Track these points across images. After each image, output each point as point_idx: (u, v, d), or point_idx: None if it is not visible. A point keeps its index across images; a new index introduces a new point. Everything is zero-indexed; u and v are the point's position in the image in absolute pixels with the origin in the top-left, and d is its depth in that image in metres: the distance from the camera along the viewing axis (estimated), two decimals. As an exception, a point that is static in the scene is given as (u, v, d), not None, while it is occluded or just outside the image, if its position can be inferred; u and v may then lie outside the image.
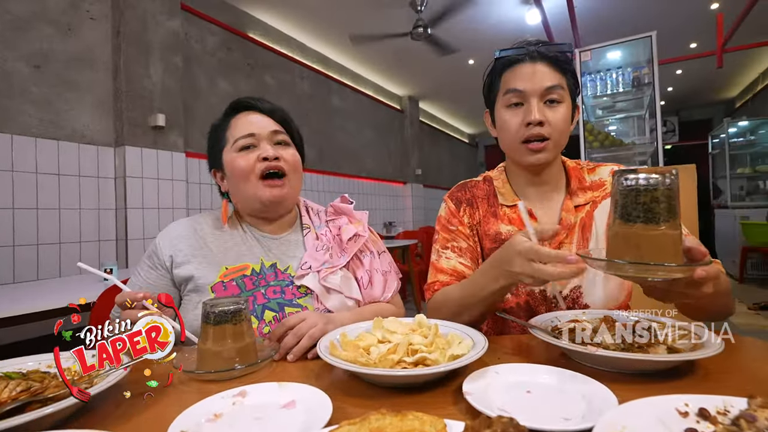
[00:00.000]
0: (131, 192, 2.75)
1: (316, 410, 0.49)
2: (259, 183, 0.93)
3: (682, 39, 5.26)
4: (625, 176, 0.60)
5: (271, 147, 0.95)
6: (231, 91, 3.80)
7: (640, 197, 0.59)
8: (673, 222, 0.58)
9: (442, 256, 0.99)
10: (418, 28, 4.11)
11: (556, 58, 0.89)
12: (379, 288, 1.01)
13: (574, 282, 0.91)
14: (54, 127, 2.50)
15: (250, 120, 0.96)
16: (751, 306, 3.91)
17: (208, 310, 0.70)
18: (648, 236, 0.58)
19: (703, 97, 8.34)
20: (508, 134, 0.92)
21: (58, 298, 1.64)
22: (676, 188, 0.58)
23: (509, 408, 0.49)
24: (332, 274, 0.95)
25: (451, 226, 1.00)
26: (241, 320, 0.71)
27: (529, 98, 0.88)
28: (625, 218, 0.60)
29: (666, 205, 0.58)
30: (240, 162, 0.92)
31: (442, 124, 8.79)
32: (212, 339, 0.68)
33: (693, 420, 0.44)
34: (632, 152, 3.43)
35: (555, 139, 0.88)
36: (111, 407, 0.56)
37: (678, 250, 0.59)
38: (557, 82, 0.88)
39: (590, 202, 0.96)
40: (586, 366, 0.63)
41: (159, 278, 0.93)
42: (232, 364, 0.67)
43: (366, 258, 1.03)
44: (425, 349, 0.61)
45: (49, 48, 2.49)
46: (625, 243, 0.60)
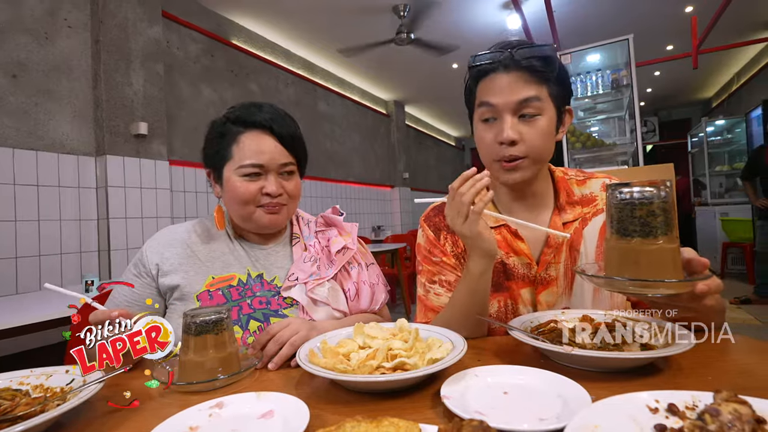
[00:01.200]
0: (114, 202, 2.70)
1: (293, 419, 0.49)
2: (257, 210, 0.93)
3: (659, 41, 5.39)
4: (620, 190, 0.59)
5: (276, 180, 0.92)
6: (215, 99, 3.78)
7: (635, 211, 0.58)
8: (670, 235, 0.57)
9: (430, 291, 0.92)
10: (401, 34, 4.15)
11: (532, 66, 0.79)
12: (366, 300, 1.01)
13: (562, 302, 0.87)
14: (32, 138, 2.45)
15: (261, 147, 0.91)
16: (732, 300, 4.00)
17: (189, 321, 0.69)
18: (646, 251, 0.57)
19: (682, 98, 8.56)
20: (483, 150, 0.86)
21: (38, 312, 1.60)
22: (671, 200, 0.58)
23: (486, 410, 0.49)
24: (320, 286, 0.94)
25: (434, 258, 0.93)
26: (222, 330, 0.70)
27: (502, 114, 0.80)
28: (621, 233, 0.59)
29: (663, 218, 0.57)
30: (241, 189, 0.90)
31: (429, 128, 8.85)
32: (193, 350, 0.68)
33: (663, 416, 0.44)
34: (614, 152, 3.51)
35: (532, 157, 0.81)
36: (84, 423, 0.55)
37: (677, 264, 0.58)
38: (534, 94, 0.79)
39: (579, 218, 0.90)
40: (563, 366, 0.64)
41: (144, 287, 0.93)
42: (215, 375, 0.66)
43: (354, 270, 1.02)
44: (404, 353, 0.61)
45: (27, 57, 2.44)
46: (623, 258, 0.59)
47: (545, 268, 0.87)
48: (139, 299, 0.91)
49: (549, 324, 0.76)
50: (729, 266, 5.42)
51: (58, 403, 0.55)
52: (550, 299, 0.87)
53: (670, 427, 0.42)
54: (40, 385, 0.62)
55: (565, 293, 0.88)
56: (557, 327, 0.74)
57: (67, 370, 0.64)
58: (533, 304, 0.88)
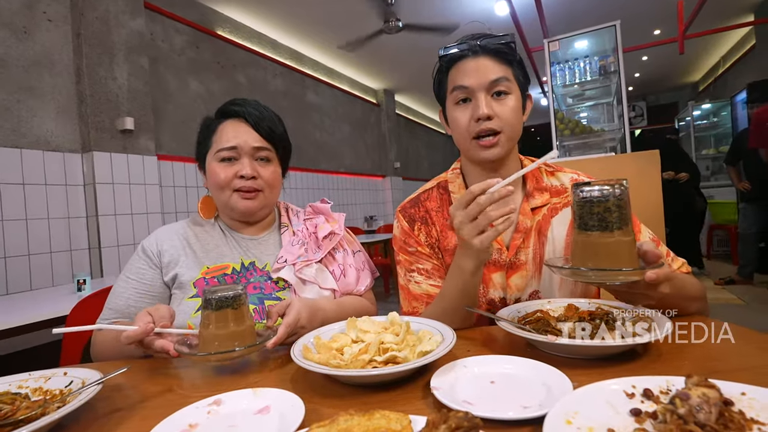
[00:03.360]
0: (102, 199, 2.68)
1: (289, 414, 0.51)
2: (233, 194, 0.97)
3: (646, 26, 5.41)
4: (581, 188, 0.66)
5: (250, 164, 0.96)
6: (202, 92, 3.73)
7: (594, 208, 0.64)
8: (625, 229, 0.64)
9: (411, 280, 0.96)
10: (389, 22, 4.11)
11: (498, 50, 0.88)
12: (352, 279, 1.05)
13: (532, 285, 0.92)
14: (15, 135, 2.41)
15: (235, 132, 0.97)
16: (717, 281, 4.11)
17: (209, 297, 0.71)
18: (604, 243, 0.64)
19: (669, 82, 8.62)
20: (459, 131, 0.91)
21: (29, 312, 1.59)
22: (626, 198, 0.64)
23: (473, 399, 0.51)
24: (307, 267, 0.99)
25: (410, 248, 0.97)
26: (240, 304, 0.73)
27: (476, 93, 0.87)
28: (582, 227, 0.66)
29: (618, 214, 0.64)
30: (219, 173, 0.96)
31: (419, 116, 8.82)
32: (214, 323, 0.70)
33: (638, 400, 0.47)
34: (602, 138, 3.53)
35: (507, 133, 0.87)
36: (83, 426, 0.56)
37: (633, 255, 0.65)
38: (502, 74, 0.87)
39: (547, 204, 0.95)
40: (549, 354, 0.67)
41: (155, 278, 0.96)
42: (233, 347, 0.69)
43: (339, 254, 1.07)
44: (395, 347, 0.63)
45: (5, 53, 2.38)
46: (585, 250, 0.66)
47: (515, 253, 0.92)
48: (151, 289, 0.95)
49: (536, 314, 0.78)
50: (715, 248, 5.54)
51: (58, 405, 0.56)
52: (519, 282, 0.92)
53: (644, 410, 0.45)
54: (39, 388, 0.63)
55: (535, 276, 0.93)
56: (543, 317, 0.76)
57: (66, 372, 0.65)
58: (504, 287, 0.93)
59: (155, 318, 0.73)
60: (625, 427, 0.43)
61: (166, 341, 0.71)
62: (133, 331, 0.68)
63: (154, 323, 0.71)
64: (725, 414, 0.41)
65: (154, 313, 0.74)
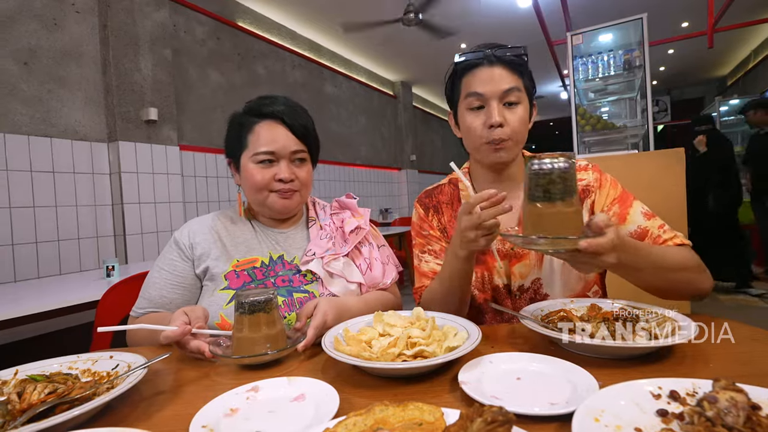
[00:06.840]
0: (127, 187, 2.76)
1: (325, 403, 0.53)
2: (271, 195, 0.99)
3: (673, 18, 5.24)
4: (531, 162, 0.68)
5: (288, 167, 0.99)
6: (223, 83, 3.77)
7: (540, 180, 0.67)
8: (568, 200, 0.67)
9: (422, 260, 1.05)
10: (409, 14, 4.07)
11: (512, 61, 0.93)
12: (378, 272, 1.08)
13: (534, 274, 0.97)
14: (45, 125, 2.49)
15: (274, 136, 0.98)
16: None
17: (242, 301, 0.75)
18: (547, 213, 0.67)
19: (695, 76, 8.35)
20: (471, 136, 0.96)
21: (60, 297, 1.65)
22: (572, 171, 0.67)
23: (500, 395, 0.53)
24: (335, 260, 1.02)
25: (424, 231, 1.07)
26: (272, 308, 0.76)
27: (489, 101, 0.92)
28: (530, 198, 0.69)
29: (561, 186, 0.66)
30: (257, 176, 0.98)
31: (436, 109, 8.75)
32: (248, 327, 0.74)
33: (665, 401, 0.48)
34: (623, 135, 3.46)
35: (514, 139, 0.93)
36: (131, 407, 0.60)
37: (576, 225, 0.67)
38: (515, 85, 0.92)
39: None
40: (572, 353, 0.68)
41: (187, 269, 0.99)
42: (264, 350, 0.72)
43: (365, 248, 1.10)
44: (423, 341, 0.65)
45: (36, 44, 2.46)
46: (532, 220, 0.69)
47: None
48: (183, 281, 0.98)
49: (559, 312, 0.80)
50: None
51: (107, 387, 0.60)
52: (523, 270, 0.98)
53: (671, 412, 0.46)
54: (87, 369, 0.67)
55: (537, 265, 0.97)
56: (566, 316, 0.77)
57: (111, 356, 0.69)
58: (508, 275, 0.99)
59: (191, 318, 0.76)
60: (653, 426, 0.44)
61: (201, 342, 0.74)
62: (171, 332, 0.72)
63: (190, 323, 0.75)
64: (753, 418, 0.41)
65: (191, 313, 0.77)
